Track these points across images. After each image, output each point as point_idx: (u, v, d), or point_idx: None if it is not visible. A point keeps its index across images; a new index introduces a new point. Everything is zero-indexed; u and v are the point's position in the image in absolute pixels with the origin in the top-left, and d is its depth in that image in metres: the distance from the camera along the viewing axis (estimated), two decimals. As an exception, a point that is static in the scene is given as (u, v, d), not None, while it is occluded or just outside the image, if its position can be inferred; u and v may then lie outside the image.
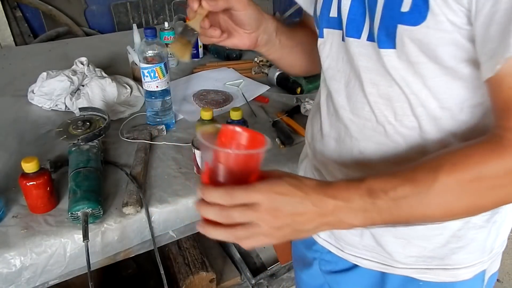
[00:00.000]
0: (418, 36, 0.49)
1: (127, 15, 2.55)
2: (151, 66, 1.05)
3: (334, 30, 0.62)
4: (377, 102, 0.58)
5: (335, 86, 0.64)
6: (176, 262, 1.42)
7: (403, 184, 0.47)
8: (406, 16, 0.49)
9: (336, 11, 0.60)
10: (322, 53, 0.66)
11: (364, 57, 0.57)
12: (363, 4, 0.56)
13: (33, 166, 0.82)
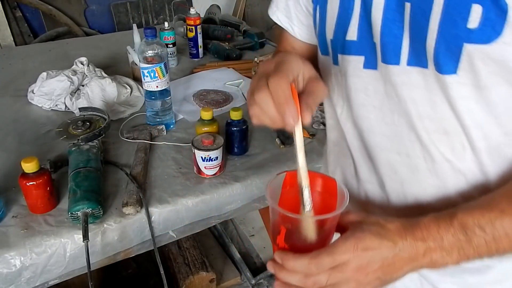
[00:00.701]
0: (492, 54, 0.42)
1: (127, 15, 2.55)
2: (151, 66, 1.05)
3: (353, 57, 0.54)
4: (431, 138, 0.50)
5: (368, 124, 0.56)
6: (176, 262, 1.42)
7: (502, 217, 0.43)
8: (475, 33, 0.41)
9: (357, 34, 0.52)
10: (339, 84, 0.58)
11: (410, 86, 0.49)
12: (398, 21, 0.47)
13: (33, 166, 0.82)
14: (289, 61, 0.48)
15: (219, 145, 0.96)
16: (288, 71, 0.46)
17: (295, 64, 0.48)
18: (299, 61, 0.49)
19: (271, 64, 0.48)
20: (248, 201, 0.99)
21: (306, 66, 0.50)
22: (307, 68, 0.50)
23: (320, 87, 0.49)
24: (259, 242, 1.52)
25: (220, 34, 1.78)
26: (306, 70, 0.49)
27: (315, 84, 0.49)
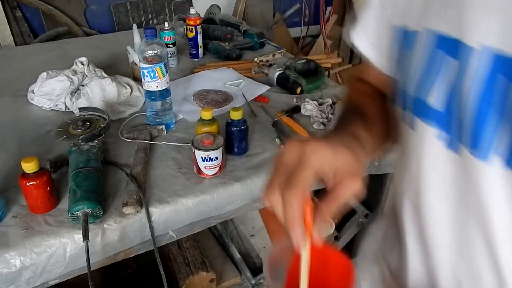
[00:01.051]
0: None
1: (127, 15, 2.55)
2: (151, 66, 1.05)
3: (435, 130, 0.44)
4: (505, 251, 0.41)
5: (434, 214, 0.47)
6: (176, 262, 1.42)
7: None
8: None
9: (443, 103, 0.42)
10: (410, 154, 0.49)
11: (499, 191, 0.39)
12: (499, 107, 0.37)
13: (33, 166, 0.82)
14: (321, 151, 0.42)
15: (219, 145, 0.96)
16: (307, 179, 0.41)
17: (328, 156, 0.42)
18: (338, 151, 0.43)
19: (298, 150, 0.43)
20: (248, 201, 0.99)
21: (343, 157, 0.43)
22: (344, 160, 0.43)
23: (349, 190, 0.42)
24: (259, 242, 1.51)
25: (220, 34, 1.78)
26: (341, 163, 0.43)
27: (346, 185, 0.42)
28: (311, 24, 3.24)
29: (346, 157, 0.43)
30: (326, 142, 0.43)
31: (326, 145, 0.43)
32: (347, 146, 0.45)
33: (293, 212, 0.41)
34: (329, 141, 0.44)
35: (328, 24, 3.13)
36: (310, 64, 1.47)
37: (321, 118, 1.22)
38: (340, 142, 0.45)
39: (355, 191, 0.42)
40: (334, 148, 0.43)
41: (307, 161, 0.41)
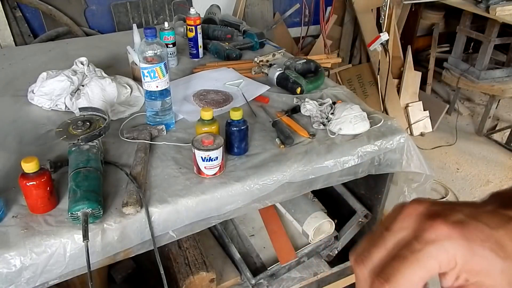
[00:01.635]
0: None
1: (127, 15, 2.55)
2: (151, 66, 1.05)
3: None
4: None
5: None
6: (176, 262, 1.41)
7: None
8: None
9: None
10: None
11: None
12: None
13: (33, 166, 0.82)
14: (455, 241, 0.30)
15: (219, 145, 0.96)
16: (413, 279, 0.30)
17: (462, 252, 0.30)
18: (484, 249, 0.30)
19: (401, 235, 0.32)
20: (248, 201, 0.99)
21: (490, 263, 0.30)
22: (489, 267, 0.30)
23: None
24: (259, 242, 1.51)
25: (220, 34, 1.78)
26: (481, 269, 0.30)
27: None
28: (311, 24, 3.25)
29: (500, 260, 0.30)
30: (471, 225, 0.31)
31: (470, 230, 0.30)
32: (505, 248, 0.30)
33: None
34: (477, 219, 0.31)
35: (328, 24, 3.13)
36: (310, 64, 1.47)
37: (321, 118, 1.22)
38: (505, 222, 0.31)
39: None
40: (478, 243, 0.30)
41: (428, 250, 0.30)
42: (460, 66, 3.09)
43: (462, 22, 3.01)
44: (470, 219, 0.31)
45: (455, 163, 2.68)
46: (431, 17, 3.33)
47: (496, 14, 2.58)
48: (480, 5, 2.71)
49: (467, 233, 0.30)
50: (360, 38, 3.19)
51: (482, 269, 0.30)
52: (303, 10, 3.17)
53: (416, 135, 2.99)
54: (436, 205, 0.32)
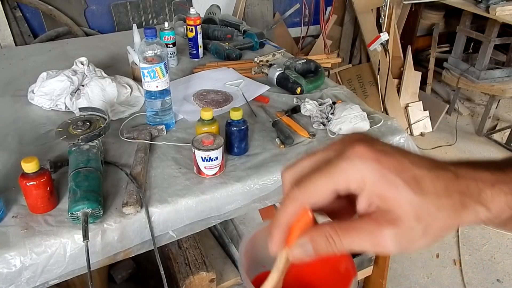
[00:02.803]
0: None
1: (127, 15, 2.55)
2: (151, 66, 1.05)
3: None
4: None
5: None
6: (176, 262, 1.41)
7: None
8: None
9: None
10: None
11: None
12: None
13: (33, 166, 0.82)
14: (370, 162, 0.30)
15: (219, 145, 0.96)
16: (325, 186, 0.31)
17: (375, 175, 0.30)
18: (406, 176, 0.30)
19: (345, 145, 0.32)
20: (248, 201, 0.99)
21: (409, 190, 0.30)
22: (406, 194, 0.30)
23: (379, 239, 0.31)
24: (259, 242, 1.52)
25: (220, 34, 1.78)
26: (397, 195, 0.30)
27: (381, 228, 0.31)
28: (311, 24, 3.24)
29: (411, 192, 0.30)
30: (393, 156, 0.31)
31: (388, 159, 0.31)
32: (440, 179, 0.30)
33: (285, 215, 0.33)
34: (403, 155, 0.31)
35: (328, 24, 3.13)
36: (310, 64, 1.47)
37: (321, 118, 1.22)
38: (432, 167, 0.31)
39: (384, 246, 0.30)
40: (392, 171, 0.30)
41: (339, 165, 0.31)
42: (460, 66, 3.09)
43: (462, 22, 3.01)
44: (396, 153, 0.32)
45: (455, 163, 2.67)
46: (431, 17, 3.33)
47: (496, 14, 2.58)
48: (480, 5, 2.71)
49: (385, 160, 0.31)
50: (360, 38, 3.19)
51: (391, 197, 0.30)
52: (303, 10, 3.17)
53: (416, 135, 2.99)
54: (375, 139, 0.33)
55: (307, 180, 0.32)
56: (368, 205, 0.31)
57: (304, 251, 0.33)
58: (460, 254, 2.00)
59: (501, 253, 2.01)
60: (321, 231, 0.32)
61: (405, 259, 1.98)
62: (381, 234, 0.30)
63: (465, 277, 1.89)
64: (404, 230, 0.30)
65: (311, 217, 0.33)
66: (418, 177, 0.30)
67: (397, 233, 0.30)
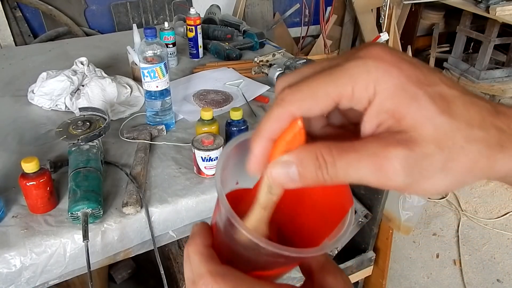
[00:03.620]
0: None
1: (127, 15, 2.55)
2: (151, 66, 1.05)
3: None
4: None
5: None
6: (176, 262, 1.41)
7: None
8: None
9: None
10: None
11: None
12: None
13: (33, 166, 0.82)
14: (350, 67, 0.24)
15: (219, 145, 0.96)
16: (325, 86, 0.24)
17: (394, 82, 0.23)
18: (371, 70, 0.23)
19: (336, 59, 0.26)
20: (248, 201, 0.99)
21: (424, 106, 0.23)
22: (428, 112, 0.23)
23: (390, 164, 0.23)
24: (259, 242, 1.52)
25: (220, 34, 1.78)
26: (418, 114, 0.23)
27: (393, 150, 0.23)
28: (311, 24, 3.25)
29: (436, 110, 0.23)
30: (418, 66, 0.24)
31: (411, 67, 0.24)
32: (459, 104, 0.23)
33: (269, 122, 0.26)
34: (432, 70, 0.24)
35: (328, 24, 3.13)
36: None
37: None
38: (466, 91, 0.24)
39: (389, 172, 0.23)
40: (414, 82, 0.23)
41: (346, 66, 0.24)
42: (460, 66, 3.09)
43: (462, 22, 3.01)
44: (423, 65, 0.24)
45: (455, 163, 2.68)
46: (431, 17, 3.33)
47: (496, 14, 2.58)
48: (480, 5, 2.71)
49: (406, 68, 0.23)
50: (360, 38, 3.19)
51: (408, 113, 0.23)
52: (303, 10, 3.17)
53: (416, 135, 2.99)
54: (398, 50, 0.26)
55: (303, 83, 0.25)
56: (376, 125, 0.24)
57: (286, 174, 0.25)
58: (460, 254, 2.00)
59: (501, 253, 2.01)
60: (311, 150, 0.25)
61: (405, 259, 1.98)
62: (387, 156, 0.23)
63: (465, 277, 1.89)
64: (418, 155, 0.22)
65: (302, 129, 0.25)
66: (448, 96, 0.23)
67: (409, 156, 0.22)
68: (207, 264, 0.29)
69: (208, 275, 0.28)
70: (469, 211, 2.25)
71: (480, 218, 2.20)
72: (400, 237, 2.00)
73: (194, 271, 0.30)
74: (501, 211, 2.25)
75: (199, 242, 0.31)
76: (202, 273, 0.29)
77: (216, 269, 0.29)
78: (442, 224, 2.18)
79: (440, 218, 2.21)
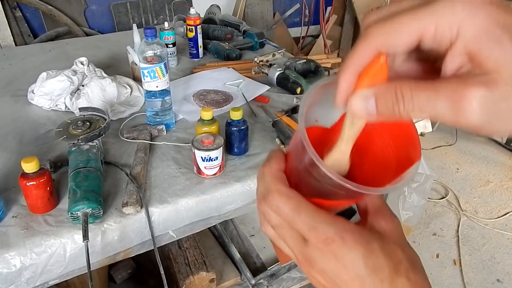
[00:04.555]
0: None
1: (127, 15, 2.55)
2: (151, 66, 1.05)
3: None
4: None
5: None
6: (176, 262, 1.41)
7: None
8: None
9: None
10: None
11: None
12: None
13: (33, 166, 0.82)
14: (437, 6, 0.24)
15: (219, 145, 0.96)
16: (400, 28, 0.25)
17: (487, 17, 0.24)
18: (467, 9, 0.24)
19: (417, 0, 0.26)
20: (248, 201, 1.00)
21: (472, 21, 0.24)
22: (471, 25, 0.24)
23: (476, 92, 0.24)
24: (259, 242, 1.52)
25: (220, 34, 1.78)
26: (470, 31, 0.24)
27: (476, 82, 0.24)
28: (311, 24, 3.25)
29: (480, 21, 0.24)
30: (508, 11, 0.24)
31: (500, 11, 0.24)
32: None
33: (355, 56, 0.27)
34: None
35: (328, 24, 3.13)
36: (310, 64, 1.47)
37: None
38: None
39: (466, 111, 0.24)
40: (503, 26, 0.23)
41: (433, 3, 0.25)
42: (460, 66, 3.08)
43: (462, 22, 3.01)
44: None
45: (455, 163, 2.68)
46: (431, 17, 3.33)
47: (496, 14, 2.58)
48: (480, 5, 2.71)
49: (494, 12, 0.23)
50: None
51: (492, 56, 0.23)
52: (303, 10, 3.17)
53: (416, 135, 2.99)
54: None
55: (389, 19, 0.26)
56: (457, 66, 0.25)
57: (365, 106, 0.27)
58: (460, 254, 2.00)
59: (501, 253, 2.01)
60: (391, 85, 0.26)
61: (405, 259, 1.98)
62: (466, 95, 0.23)
63: (465, 277, 1.89)
64: (497, 96, 0.23)
65: (385, 64, 0.27)
66: None
67: (488, 97, 0.23)
68: (278, 184, 0.35)
69: (276, 193, 0.34)
70: (469, 211, 2.25)
71: (480, 218, 2.20)
72: (400, 237, 2.00)
73: (265, 187, 0.36)
74: (501, 211, 2.25)
75: (273, 165, 0.37)
76: (272, 190, 0.34)
77: (284, 189, 0.34)
78: (442, 224, 2.18)
79: (440, 218, 2.21)
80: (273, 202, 0.34)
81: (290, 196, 0.33)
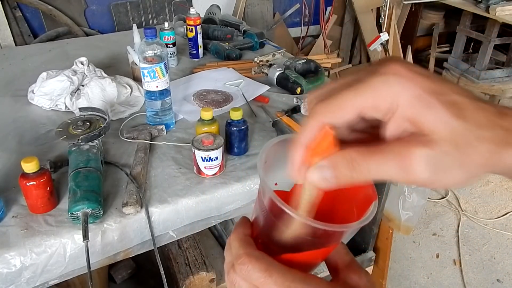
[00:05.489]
0: None
1: (127, 15, 2.55)
2: (151, 66, 1.05)
3: None
4: None
5: None
6: (176, 262, 1.41)
7: None
8: None
9: None
10: None
11: None
12: None
13: (33, 166, 0.82)
14: (373, 82, 0.28)
15: (219, 145, 0.96)
16: (354, 98, 0.28)
17: (413, 91, 0.27)
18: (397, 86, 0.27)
19: (358, 74, 0.29)
20: (248, 201, 0.99)
21: (440, 116, 0.26)
22: (441, 125, 0.26)
23: (415, 162, 0.27)
24: (259, 242, 1.52)
25: (220, 34, 1.78)
26: (431, 119, 0.27)
27: (414, 150, 0.27)
28: (311, 24, 3.25)
29: (450, 115, 0.26)
30: (431, 78, 0.28)
31: (426, 80, 0.27)
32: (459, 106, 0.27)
33: (305, 132, 0.30)
34: (443, 81, 0.28)
35: (328, 24, 3.13)
36: (310, 64, 1.47)
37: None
38: (475, 98, 0.28)
39: (414, 169, 0.26)
40: (430, 94, 0.27)
41: (370, 80, 0.28)
42: (460, 66, 3.09)
43: (462, 22, 3.01)
44: (435, 77, 0.28)
45: (455, 163, 2.68)
46: (431, 17, 3.33)
47: (496, 14, 2.58)
48: (480, 5, 2.71)
49: (422, 81, 0.27)
50: (360, 38, 3.19)
51: (427, 120, 0.26)
52: (303, 10, 3.17)
53: (416, 135, 2.99)
54: (413, 64, 0.29)
55: (331, 97, 0.29)
56: (401, 131, 0.28)
57: (323, 177, 0.29)
58: (460, 254, 2.00)
59: (501, 253, 2.01)
60: (344, 155, 0.29)
61: (405, 259, 1.98)
62: (411, 156, 0.26)
63: (465, 277, 1.89)
64: (438, 153, 0.26)
65: (334, 137, 0.29)
66: (459, 103, 0.27)
67: (430, 155, 0.26)
68: (245, 248, 0.35)
69: (245, 256, 0.33)
70: (469, 211, 2.25)
71: (480, 218, 2.20)
72: (400, 237, 2.00)
73: (233, 254, 0.35)
74: (501, 211, 2.25)
75: (239, 231, 0.37)
76: (240, 255, 0.34)
77: (252, 252, 0.34)
78: (442, 224, 2.18)
79: (440, 218, 2.21)
80: (242, 267, 0.33)
81: (259, 258, 0.33)
